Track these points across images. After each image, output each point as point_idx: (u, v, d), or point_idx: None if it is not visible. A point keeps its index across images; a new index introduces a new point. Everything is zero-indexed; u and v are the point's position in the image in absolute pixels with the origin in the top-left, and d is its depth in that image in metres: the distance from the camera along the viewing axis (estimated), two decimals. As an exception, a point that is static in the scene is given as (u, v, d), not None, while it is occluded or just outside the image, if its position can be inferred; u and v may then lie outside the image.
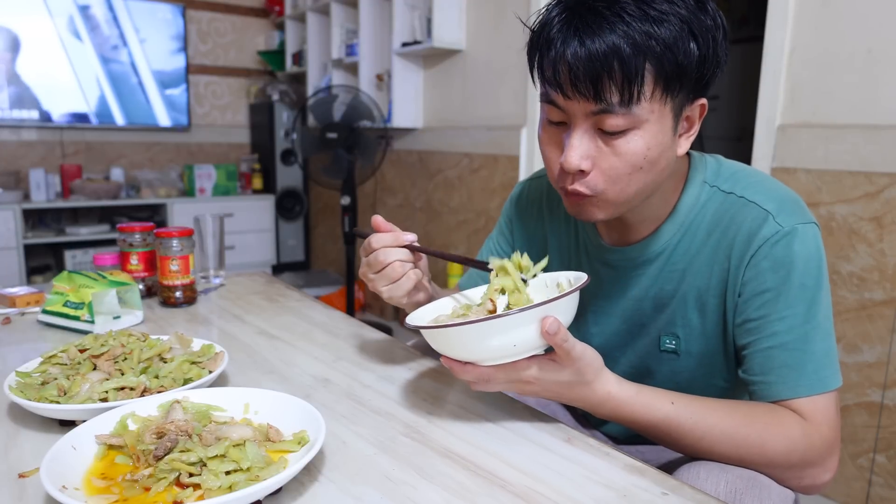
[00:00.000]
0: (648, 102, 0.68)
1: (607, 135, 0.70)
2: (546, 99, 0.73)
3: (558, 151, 0.74)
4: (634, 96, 0.67)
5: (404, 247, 0.82)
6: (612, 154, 0.71)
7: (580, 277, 0.71)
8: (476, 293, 0.81)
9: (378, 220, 0.83)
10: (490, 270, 0.74)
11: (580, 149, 0.71)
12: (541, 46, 0.70)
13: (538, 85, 0.74)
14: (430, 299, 0.87)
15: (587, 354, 0.67)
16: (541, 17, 0.72)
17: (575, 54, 0.66)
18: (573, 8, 0.68)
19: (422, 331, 0.67)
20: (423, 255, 0.86)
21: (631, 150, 0.70)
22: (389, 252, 0.81)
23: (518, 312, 0.61)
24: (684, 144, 0.75)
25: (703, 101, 0.74)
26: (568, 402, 0.71)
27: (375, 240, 0.81)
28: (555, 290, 0.76)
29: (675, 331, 0.83)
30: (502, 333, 0.63)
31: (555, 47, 0.68)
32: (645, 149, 0.70)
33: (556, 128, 0.74)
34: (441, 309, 0.78)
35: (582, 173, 0.72)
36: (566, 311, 0.66)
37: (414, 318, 0.73)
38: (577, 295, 0.66)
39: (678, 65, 0.67)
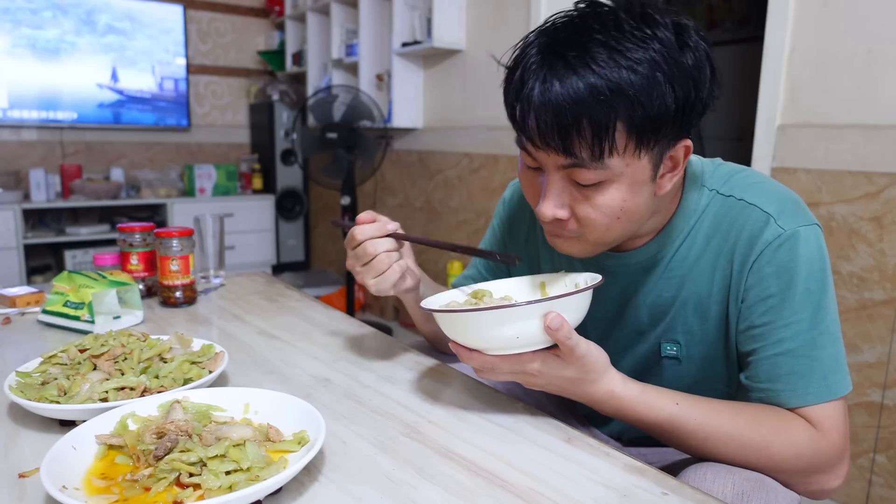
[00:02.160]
0: (622, 157, 0.66)
1: (582, 186, 0.69)
2: (520, 145, 0.72)
3: (537, 195, 0.74)
4: (606, 152, 0.65)
5: (388, 235, 0.82)
6: (587, 205, 0.70)
7: (596, 279, 0.72)
8: (494, 286, 0.82)
9: (363, 214, 0.83)
10: (513, 262, 0.78)
11: (554, 200, 0.71)
12: (513, 89, 0.68)
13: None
14: (418, 283, 0.89)
15: (591, 352, 0.67)
16: (516, 52, 0.69)
17: (543, 107, 0.64)
18: (545, 53, 0.65)
19: (434, 314, 0.69)
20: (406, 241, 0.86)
21: (606, 203, 0.69)
22: (376, 244, 0.81)
23: (522, 305, 0.62)
24: (666, 185, 0.72)
25: (687, 143, 0.70)
26: (571, 397, 0.71)
27: (359, 232, 0.81)
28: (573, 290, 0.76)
29: (675, 337, 0.82)
30: (505, 324, 0.64)
31: (523, 96, 0.66)
32: (621, 201, 0.69)
33: (533, 172, 0.74)
34: (455, 296, 0.80)
35: (559, 221, 0.72)
36: (574, 309, 0.66)
37: (428, 302, 0.75)
38: (587, 295, 0.67)
39: (651, 118, 0.64)
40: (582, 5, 0.68)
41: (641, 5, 0.66)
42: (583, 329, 0.92)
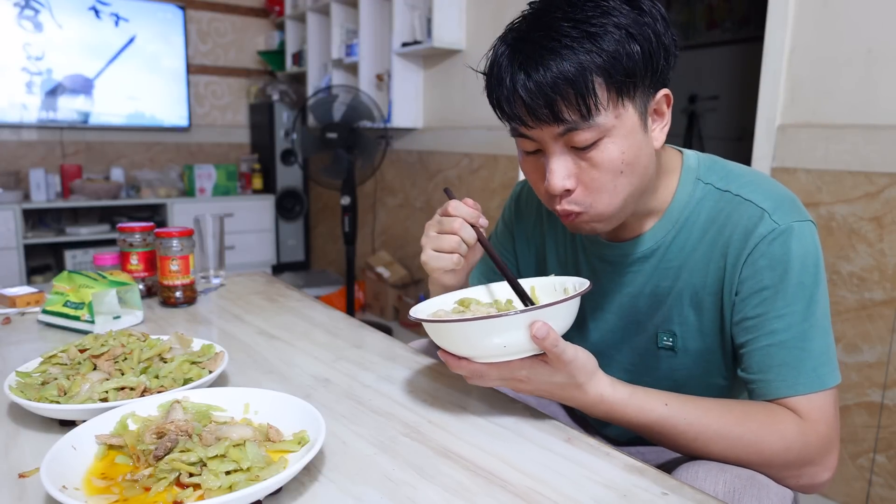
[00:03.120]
0: (608, 111, 0.70)
1: (581, 150, 0.72)
2: (515, 133, 0.75)
3: (541, 178, 0.76)
4: (592, 109, 0.68)
5: (474, 227, 0.81)
6: (590, 167, 0.72)
7: (584, 284, 0.72)
8: (485, 290, 0.82)
9: (469, 202, 0.83)
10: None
11: (560, 171, 0.73)
12: (493, 86, 0.73)
13: (504, 123, 0.75)
14: (459, 284, 0.88)
15: (579, 358, 0.67)
16: (489, 58, 0.74)
17: (525, 87, 0.69)
18: (513, 45, 0.71)
19: (422, 323, 0.69)
20: (479, 250, 0.85)
21: (607, 159, 0.71)
22: (463, 226, 0.80)
23: (508, 315, 0.63)
24: (659, 137, 0.76)
25: (666, 91, 0.75)
26: (561, 401, 0.72)
27: (455, 206, 0.81)
28: (561, 295, 0.77)
29: (671, 328, 0.84)
30: (492, 335, 0.64)
31: (504, 85, 0.70)
32: (620, 153, 0.72)
33: (534, 156, 0.77)
34: (443, 304, 0.79)
35: (567, 192, 0.74)
36: (562, 316, 0.66)
37: (416, 311, 0.75)
38: (573, 302, 0.67)
39: (625, 69, 0.68)
40: (535, 4, 0.73)
41: None
42: (581, 318, 0.92)
